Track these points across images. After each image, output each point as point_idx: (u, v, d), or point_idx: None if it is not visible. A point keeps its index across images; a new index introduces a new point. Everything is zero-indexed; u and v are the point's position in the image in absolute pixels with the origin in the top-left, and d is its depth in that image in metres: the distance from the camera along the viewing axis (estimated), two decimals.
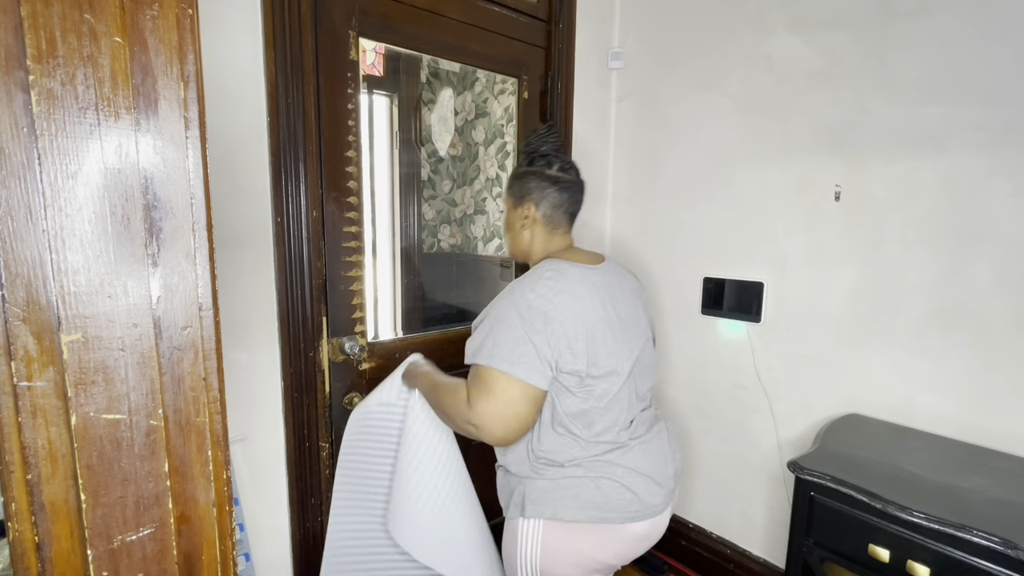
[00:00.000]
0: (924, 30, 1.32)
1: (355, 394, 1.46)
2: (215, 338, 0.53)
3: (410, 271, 2.32)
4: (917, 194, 1.36)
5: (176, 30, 0.48)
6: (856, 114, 1.44)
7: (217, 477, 0.55)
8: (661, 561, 1.95)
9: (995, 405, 1.28)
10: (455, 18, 1.57)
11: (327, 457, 1.45)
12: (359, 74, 1.40)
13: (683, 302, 1.89)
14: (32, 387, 0.44)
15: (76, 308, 0.45)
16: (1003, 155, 1.23)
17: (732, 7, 1.68)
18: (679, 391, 1.94)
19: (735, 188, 1.72)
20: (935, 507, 1.03)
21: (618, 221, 2.10)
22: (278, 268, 1.30)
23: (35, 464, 0.44)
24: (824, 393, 1.57)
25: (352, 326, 1.45)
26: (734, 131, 1.71)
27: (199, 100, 0.50)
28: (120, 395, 0.48)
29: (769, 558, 1.74)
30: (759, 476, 1.74)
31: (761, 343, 1.69)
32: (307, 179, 1.31)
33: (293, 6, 1.24)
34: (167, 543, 0.52)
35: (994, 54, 1.23)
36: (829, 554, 1.19)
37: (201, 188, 0.51)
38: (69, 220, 0.44)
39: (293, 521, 1.40)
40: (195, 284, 0.52)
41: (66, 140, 0.44)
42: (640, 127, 1.99)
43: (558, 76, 1.84)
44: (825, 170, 1.51)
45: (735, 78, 1.69)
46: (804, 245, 1.57)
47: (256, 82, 1.23)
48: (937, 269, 1.34)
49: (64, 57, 0.43)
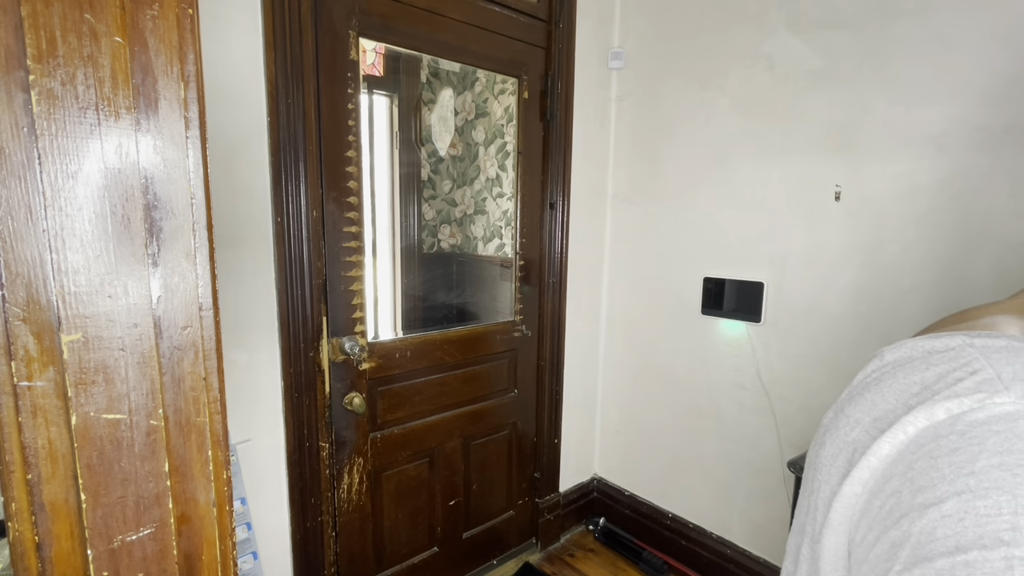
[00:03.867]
0: (924, 30, 1.32)
1: (355, 394, 1.46)
2: (215, 338, 0.53)
3: (410, 271, 2.32)
4: (917, 194, 1.36)
5: (176, 30, 0.48)
6: (856, 114, 1.45)
7: (217, 477, 0.55)
8: (661, 561, 1.95)
9: None
10: (455, 18, 1.57)
11: (327, 457, 1.45)
12: (359, 74, 1.40)
13: (683, 302, 1.89)
14: (32, 387, 0.44)
15: (76, 308, 0.45)
16: (1003, 155, 1.23)
17: (732, 7, 1.68)
18: (679, 391, 1.94)
19: (735, 188, 1.72)
20: None
21: (618, 221, 2.10)
22: (278, 268, 1.30)
23: (35, 464, 0.44)
24: (824, 393, 1.57)
25: (352, 326, 1.46)
26: (734, 131, 1.71)
27: (199, 100, 0.50)
28: (120, 395, 0.48)
29: (769, 558, 1.74)
30: (759, 476, 1.74)
31: (761, 343, 1.69)
32: (307, 179, 1.31)
33: (293, 6, 1.24)
34: (167, 543, 0.52)
35: (994, 54, 1.23)
36: None
37: (201, 188, 0.51)
38: (69, 220, 0.44)
39: (293, 521, 1.40)
40: (195, 284, 0.52)
41: (66, 140, 0.44)
42: (640, 127, 1.99)
43: (558, 76, 1.84)
44: (825, 170, 1.51)
45: (735, 78, 1.69)
46: (804, 245, 1.57)
47: (256, 82, 1.23)
48: (937, 269, 1.34)
49: (64, 57, 0.43)
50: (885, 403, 0.41)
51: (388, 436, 1.58)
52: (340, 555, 1.52)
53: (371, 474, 1.56)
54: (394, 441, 1.60)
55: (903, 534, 0.33)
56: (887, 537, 0.34)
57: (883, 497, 0.36)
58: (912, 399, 0.39)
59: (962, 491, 0.32)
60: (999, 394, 0.35)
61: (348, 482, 1.50)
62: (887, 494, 0.36)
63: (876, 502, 0.37)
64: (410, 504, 1.68)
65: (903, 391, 0.40)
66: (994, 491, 0.31)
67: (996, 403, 0.35)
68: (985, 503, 0.31)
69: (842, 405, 0.46)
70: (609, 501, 2.23)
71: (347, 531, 1.53)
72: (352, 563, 1.55)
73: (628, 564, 2.02)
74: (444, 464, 1.74)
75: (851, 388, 0.47)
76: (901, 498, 0.35)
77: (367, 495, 1.56)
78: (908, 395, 0.39)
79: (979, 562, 0.29)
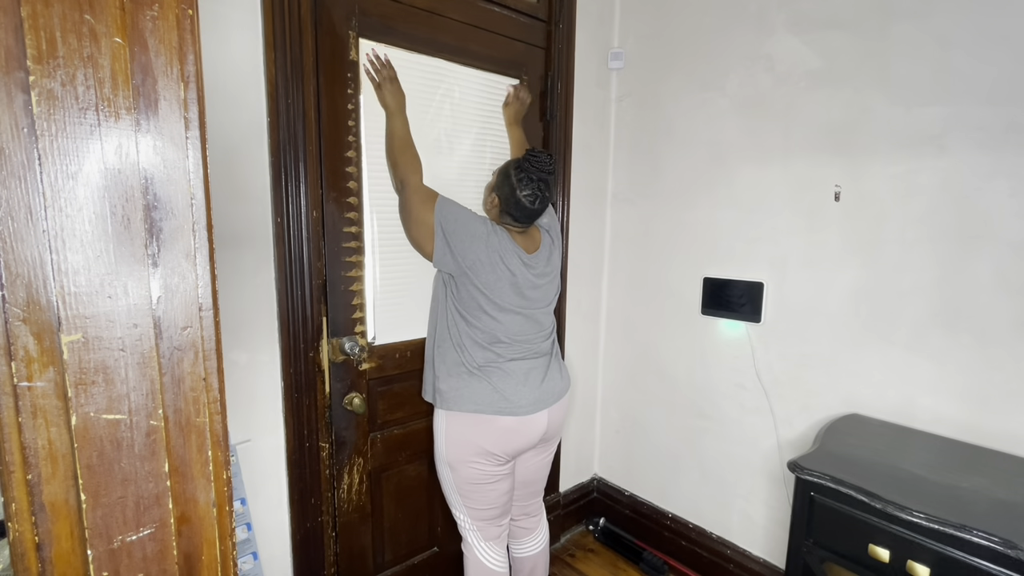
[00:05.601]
0: (924, 30, 1.32)
1: (355, 394, 1.46)
2: (215, 338, 0.53)
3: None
4: (917, 194, 1.36)
5: (176, 30, 0.48)
6: (856, 114, 1.45)
7: (217, 477, 0.55)
8: (661, 561, 1.95)
9: (995, 405, 1.28)
10: (455, 18, 1.57)
11: (327, 457, 1.45)
12: (359, 74, 1.40)
13: (683, 302, 1.89)
14: (32, 387, 0.44)
15: (76, 308, 0.45)
16: (1003, 155, 1.23)
17: (732, 7, 1.68)
18: (679, 391, 1.94)
19: (735, 188, 1.72)
20: (935, 507, 1.03)
21: (618, 221, 2.10)
22: (278, 268, 1.30)
23: (35, 464, 0.44)
24: (824, 393, 1.57)
25: (352, 326, 1.46)
26: (734, 131, 1.71)
27: (199, 100, 0.50)
28: (120, 395, 0.48)
29: (769, 558, 1.74)
30: (759, 476, 1.74)
31: (761, 343, 1.69)
32: (307, 179, 1.31)
33: (293, 6, 1.24)
34: (167, 543, 0.52)
35: (994, 54, 1.23)
36: (829, 554, 1.19)
37: (201, 188, 0.51)
38: (69, 220, 0.44)
39: (293, 521, 1.40)
40: (195, 284, 0.52)
41: (66, 140, 0.44)
42: (640, 127, 1.99)
43: (558, 76, 1.84)
44: (825, 170, 1.51)
45: (735, 78, 1.69)
46: (804, 245, 1.57)
47: (256, 82, 1.23)
48: (937, 269, 1.34)
49: (64, 58, 0.43)
50: None
51: (388, 436, 1.58)
52: (340, 555, 1.52)
53: (371, 474, 1.56)
54: (394, 441, 1.60)
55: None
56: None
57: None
58: None
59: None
60: None
61: (348, 482, 1.50)
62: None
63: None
64: (410, 504, 1.68)
65: None
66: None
67: None
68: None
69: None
70: (609, 501, 2.23)
71: (347, 531, 1.53)
72: (352, 563, 1.55)
73: (628, 564, 2.01)
74: None
75: None
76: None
77: (367, 495, 1.56)
78: None
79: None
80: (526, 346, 1.41)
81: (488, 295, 1.33)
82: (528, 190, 1.33)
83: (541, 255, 1.44)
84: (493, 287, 1.33)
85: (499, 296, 1.34)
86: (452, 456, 1.36)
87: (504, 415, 1.34)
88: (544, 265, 1.44)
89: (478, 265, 1.31)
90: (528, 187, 1.33)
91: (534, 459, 1.51)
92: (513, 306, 1.36)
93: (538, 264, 1.42)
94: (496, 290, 1.33)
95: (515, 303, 1.37)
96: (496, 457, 1.36)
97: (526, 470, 1.51)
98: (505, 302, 1.35)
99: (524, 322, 1.39)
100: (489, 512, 1.41)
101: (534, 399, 1.38)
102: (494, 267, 1.33)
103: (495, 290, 1.33)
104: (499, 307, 1.35)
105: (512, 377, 1.36)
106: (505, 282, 1.34)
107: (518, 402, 1.35)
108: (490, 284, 1.33)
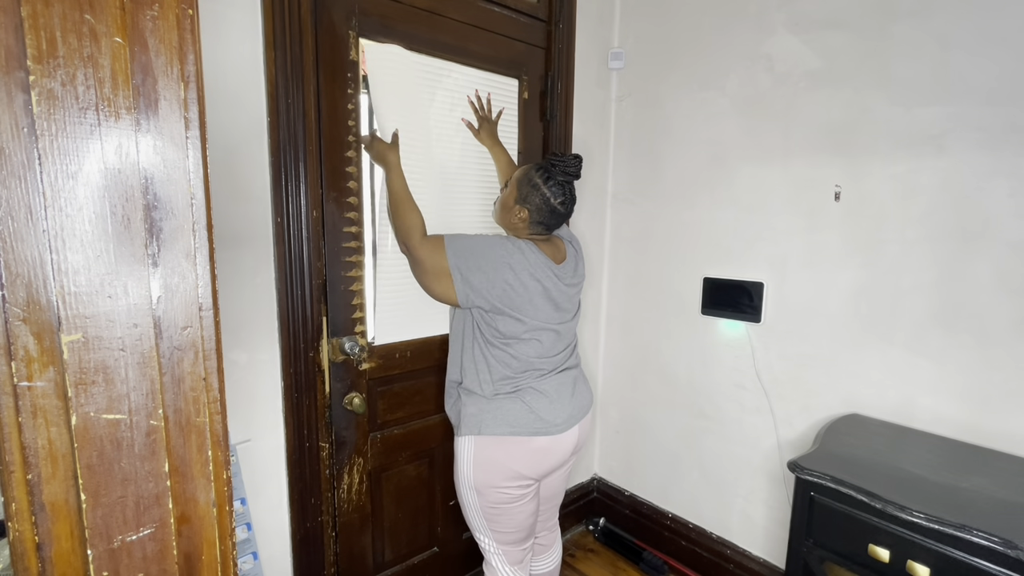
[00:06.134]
0: (924, 30, 1.32)
1: (355, 394, 1.46)
2: (215, 338, 0.53)
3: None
4: (917, 194, 1.36)
5: (176, 30, 0.48)
6: (856, 114, 1.45)
7: (217, 477, 0.55)
8: (661, 561, 1.95)
9: (995, 405, 1.28)
10: (455, 18, 1.57)
11: (327, 457, 1.45)
12: (359, 74, 1.40)
13: (683, 302, 1.89)
14: (32, 387, 0.44)
15: (76, 308, 0.45)
16: (1003, 155, 1.23)
17: (732, 7, 1.68)
18: (679, 391, 1.94)
19: (735, 188, 1.72)
20: (935, 507, 1.03)
21: (618, 221, 2.10)
22: (278, 268, 1.30)
23: (35, 464, 0.44)
24: (824, 393, 1.57)
25: (352, 326, 1.46)
26: (734, 131, 1.71)
27: (199, 100, 0.50)
28: (120, 395, 0.48)
29: (769, 558, 1.74)
30: (759, 476, 1.74)
31: (761, 343, 1.69)
32: (307, 179, 1.31)
33: (293, 6, 1.24)
34: (167, 543, 0.52)
35: (994, 54, 1.23)
36: (829, 554, 1.19)
37: (201, 188, 0.51)
38: (69, 220, 0.44)
39: (293, 521, 1.40)
40: (195, 284, 0.52)
41: (66, 140, 0.44)
42: (640, 127, 1.99)
43: (558, 76, 1.84)
44: (825, 170, 1.51)
45: (735, 78, 1.69)
46: (804, 245, 1.57)
47: (256, 82, 1.23)
48: (937, 269, 1.34)
49: (64, 57, 0.43)
50: None
51: (388, 436, 1.58)
52: (340, 555, 1.52)
53: (371, 474, 1.56)
54: (394, 441, 1.60)
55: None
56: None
57: None
58: None
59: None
60: None
61: (348, 482, 1.50)
62: None
63: None
64: (410, 504, 1.68)
65: None
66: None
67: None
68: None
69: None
70: (609, 501, 2.23)
71: (347, 531, 1.52)
72: (352, 563, 1.55)
73: (628, 564, 2.01)
74: (444, 464, 1.74)
75: None
76: None
77: (367, 495, 1.56)
78: None
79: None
80: (556, 360, 1.36)
81: (522, 318, 1.28)
82: (562, 196, 1.30)
83: (568, 265, 1.40)
84: (525, 308, 1.28)
85: (534, 315, 1.29)
86: (480, 481, 1.29)
87: (540, 435, 1.28)
88: (571, 276, 1.40)
89: (508, 291, 1.26)
90: (561, 194, 1.30)
91: (558, 472, 1.45)
92: (548, 322, 1.32)
93: (566, 275, 1.38)
94: (530, 311, 1.28)
95: (550, 318, 1.32)
96: (527, 479, 1.31)
97: (549, 486, 1.47)
98: (540, 320, 1.30)
99: (556, 339, 1.35)
100: (515, 535, 1.36)
101: (568, 415, 1.33)
102: (525, 286, 1.27)
103: (528, 311, 1.28)
104: (533, 328, 1.30)
105: (545, 396, 1.31)
106: (539, 296, 1.29)
107: (553, 420, 1.30)
108: (523, 307, 1.27)
